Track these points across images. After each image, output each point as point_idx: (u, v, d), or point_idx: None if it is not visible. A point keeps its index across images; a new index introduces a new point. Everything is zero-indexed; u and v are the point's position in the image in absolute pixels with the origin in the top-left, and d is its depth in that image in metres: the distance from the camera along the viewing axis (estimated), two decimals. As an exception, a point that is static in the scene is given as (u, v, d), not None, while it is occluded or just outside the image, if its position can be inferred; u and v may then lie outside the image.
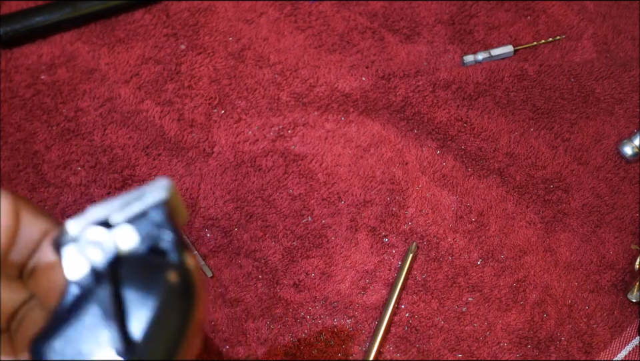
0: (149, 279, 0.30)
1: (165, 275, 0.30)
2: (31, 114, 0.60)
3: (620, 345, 0.55)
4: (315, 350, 0.54)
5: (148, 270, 0.30)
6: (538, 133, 0.63)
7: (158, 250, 0.30)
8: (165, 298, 0.30)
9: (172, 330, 0.30)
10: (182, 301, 0.30)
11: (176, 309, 0.30)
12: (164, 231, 0.31)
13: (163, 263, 0.30)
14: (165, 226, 0.31)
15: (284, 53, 0.64)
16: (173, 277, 0.30)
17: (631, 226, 0.60)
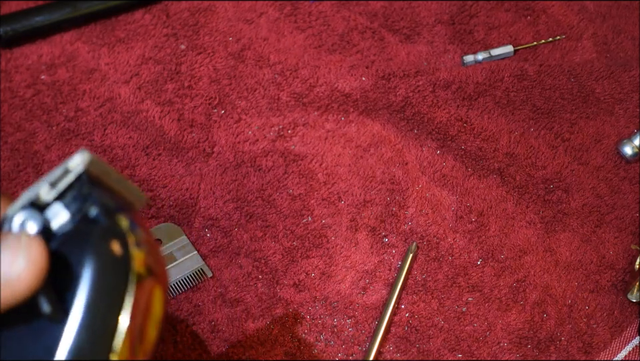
0: (77, 248, 0.29)
1: (91, 242, 0.29)
2: (31, 114, 0.60)
3: (620, 345, 0.55)
4: (315, 350, 0.54)
5: (75, 241, 0.30)
6: (538, 133, 0.63)
7: (89, 220, 0.30)
8: (91, 264, 0.29)
9: (103, 293, 0.29)
10: (111, 264, 0.29)
11: (106, 272, 0.29)
12: (91, 201, 0.30)
13: (88, 230, 0.30)
14: (91, 196, 0.30)
15: (284, 53, 0.64)
16: (97, 240, 0.29)
17: (631, 226, 0.60)
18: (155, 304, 0.32)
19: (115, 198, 0.32)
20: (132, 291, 0.29)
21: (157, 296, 0.32)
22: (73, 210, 0.30)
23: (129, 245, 0.30)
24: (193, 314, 0.54)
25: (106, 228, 0.30)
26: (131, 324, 0.30)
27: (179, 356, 0.53)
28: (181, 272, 0.55)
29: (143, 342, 0.31)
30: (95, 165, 0.31)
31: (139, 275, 0.30)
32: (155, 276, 0.31)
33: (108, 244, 0.29)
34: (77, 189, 0.30)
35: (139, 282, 0.30)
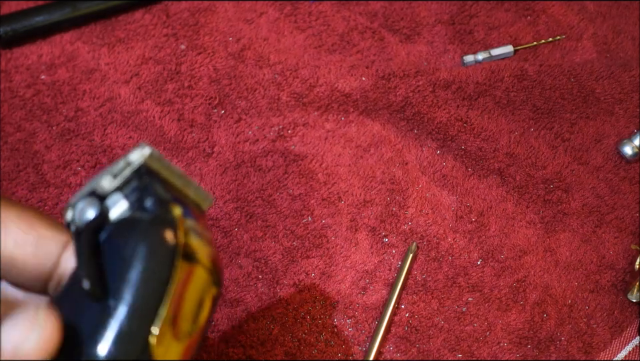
0: (127, 234, 0.30)
1: (140, 227, 0.30)
2: (31, 114, 0.60)
3: (620, 345, 0.55)
4: (315, 350, 0.54)
5: (127, 228, 0.31)
6: (538, 133, 0.63)
7: (144, 209, 0.31)
8: (137, 246, 0.30)
9: (147, 275, 0.30)
10: (157, 247, 0.30)
11: (151, 254, 0.30)
12: (148, 192, 0.31)
13: (141, 218, 0.31)
14: (149, 187, 0.31)
15: (284, 53, 0.64)
16: (146, 225, 0.30)
17: (631, 226, 0.60)
18: (202, 293, 0.32)
19: (173, 192, 0.33)
20: (177, 276, 0.30)
21: (205, 286, 0.32)
22: (132, 200, 0.31)
23: (178, 232, 0.30)
24: (193, 314, 0.54)
25: (157, 214, 0.31)
26: (173, 307, 0.30)
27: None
28: (181, 272, 0.54)
29: (187, 327, 0.31)
30: (154, 159, 0.32)
31: (186, 261, 0.30)
32: (204, 265, 0.32)
33: (156, 230, 0.30)
34: (136, 181, 0.31)
35: (187, 268, 0.31)
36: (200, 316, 0.32)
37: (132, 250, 0.30)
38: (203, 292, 0.32)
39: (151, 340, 0.30)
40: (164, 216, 0.31)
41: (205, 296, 0.32)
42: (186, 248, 0.31)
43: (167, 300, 0.30)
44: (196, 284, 0.31)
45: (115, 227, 0.31)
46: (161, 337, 0.30)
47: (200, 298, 0.32)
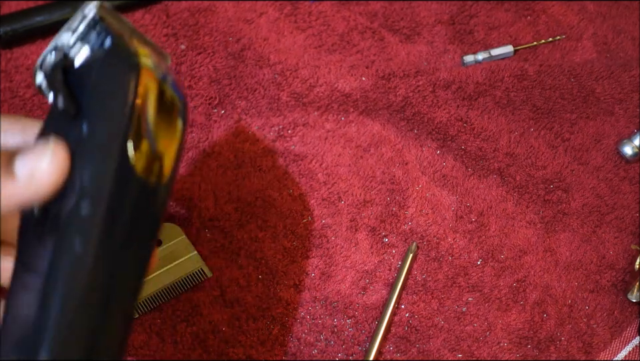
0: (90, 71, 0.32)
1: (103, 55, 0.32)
2: (31, 114, 0.60)
3: (620, 345, 0.55)
4: (315, 350, 0.54)
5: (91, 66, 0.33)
6: (538, 133, 0.63)
7: (105, 47, 0.33)
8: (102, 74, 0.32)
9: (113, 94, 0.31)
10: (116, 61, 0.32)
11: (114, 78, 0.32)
12: (106, 33, 0.33)
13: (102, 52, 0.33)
14: (106, 30, 0.33)
15: (284, 53, 0.64)
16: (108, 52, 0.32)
17: (631, 226, 0.60)
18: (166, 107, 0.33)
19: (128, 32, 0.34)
20: (139, 81, 0.32)
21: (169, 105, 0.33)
22: (92, 45, 0.33)
23: (137, 48, 0.32)
24: (192, 314, 0.54)
25: (115, 44, 0.32)
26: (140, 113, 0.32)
27: (179, 356, 0.53)
28: (181, 272, 0.55)
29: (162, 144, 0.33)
30: (106, 10, 0.34)
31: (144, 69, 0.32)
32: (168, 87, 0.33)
33: (116, 51, 0.32)
34: (93, 29, 0.33)
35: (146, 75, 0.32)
36: (174, 133, 0.34)
37: (96, 79, 0.32)
38: (169, 109, 0.34)
39: (128, 152, 0.31)
40: (122, 43, 0.32)
41: (174, 116, 0.34)
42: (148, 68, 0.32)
43: (134, 113, 0.32)
44: (163, 100, 0.33)
45: (81, 70, 0.33)
46: (138, 148, 0.32)
47: (168, 115, 0.33)
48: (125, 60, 0.32)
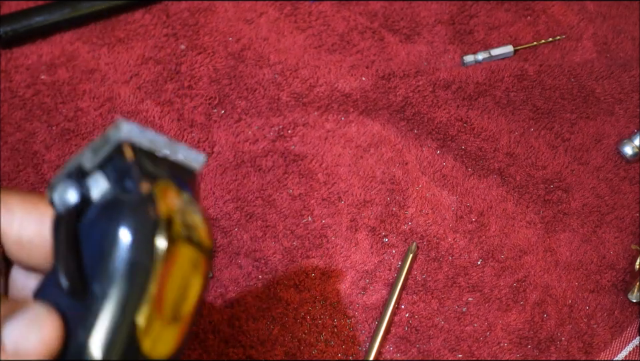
0: (106, 221, 0.29)
1: (117, 213, 0.29)
2: (31, 114, 0.60)
3: (620, 345, 0.55)
4: (315, 350, 0.54)
5: (106, 212, 0.30)
6: (538, 133, 0.63)
7: (125, 189, 0.30)
8: (117, 236, 0.29)
9: (128, 268, 0.29)
10: (138, 232, 0.29)
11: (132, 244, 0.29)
12: (127, 172, 0.30)
13: (121, 200, 0.30)
14: (128, 167, 0.30)
15: (284, 53, 0.64)
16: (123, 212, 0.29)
17: (631, 226, 0.60)
18: (190, 273, 0.31)
19: (157, 161, 0.31)
20: (160, 260, 0.29)
21: (193, 264, 0.31)
22: (113, 180, 0.30)
23: (160, 212, 0.29)
24: (192, 314, 0.54)
25: (135, 198, 0.29)
26: (157, 293, 0.29)
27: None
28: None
29: (176, 310, 0.30)
30: (131, 134, 0.31)
31: (170, 241, 0.29)
32: (190, 242, 0.30)
33: (134, 214, 0.29)
34: (116, 158, 0.30)
35: (171, 249, 0.29)
36: (189, 297, 0.31)
37: (110, 238, 0.29)
38: (191, 270, 0.31)
39: (137, 331, 0.29)
40: (143, 198, 0.29)
41: (193, 275, 0.31)
42: (169, 226, 0.29)
43: (149, 288, 0.29)
44: (182, 263, 0.30)
45: (96, 210, 0.30)
46: (147, 326, 0.29)
47: (187, 277, 0.31)
48: (144, 223, 0.29)
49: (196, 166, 0.33)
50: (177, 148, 0.32)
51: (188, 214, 0.31)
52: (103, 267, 0.29)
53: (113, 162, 0.30)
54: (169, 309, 0.30)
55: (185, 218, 0.30)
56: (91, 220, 0.30)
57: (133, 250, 0.29)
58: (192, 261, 0.30)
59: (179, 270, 0.30)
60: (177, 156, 0.32)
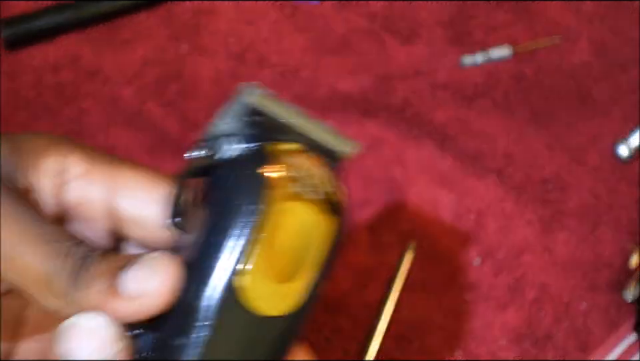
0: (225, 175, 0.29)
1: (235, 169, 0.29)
2: (35, 115, 0.61)
3: (616, 343, 0.56)
4: (315, 349, 0.55)
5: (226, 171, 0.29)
6: (536, 134, 0.63)
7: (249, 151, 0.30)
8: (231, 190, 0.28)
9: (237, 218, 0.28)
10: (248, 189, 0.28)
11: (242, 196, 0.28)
12: (253, 133, 0.30)
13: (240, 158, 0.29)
14: (255, 128, 0.30)
15: (284, 54, 0.64)
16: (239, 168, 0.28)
17: (627, 225, 0.60)
18: (307, 234, 0.30)
19: (295, 136, 0.31)
20: (270, 215, 0.28)
21: (311, 225, 0.30)
22: (239, 142, 0.30)
23: (275, 169, 0.28)
24: (195, 313, 0.55)
25: (255, 155, 0.29)
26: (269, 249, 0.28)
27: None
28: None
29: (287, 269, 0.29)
30: (263, 98, 0.30)
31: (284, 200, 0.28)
32: (314, 205, 0.30)
33: (248, 168, 0.28)
34: (245, 122, 0.30)
35: (285, 206, 0.28)
36: (307, 258, 0.30)
37: (224, 194, 0.28)
38: (312, 233, 0.30)
39: (241, 279, 0.27)
40: (261, 155, 0.29)
41: (315, 238, 0.30)
42: (287, 185, 0.28)
43: (259, 243, 0.28)
44: (300, 223, 0.29)
45: (219, 171, 0.30)
46: (255, 280, 0.28)
47: (307, 238, 0.30)
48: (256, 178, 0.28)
49: (342, 150, 0.33)
50: (322, 126, 0.32)
51: (317, 177, 0.30)
52: (217, 224, 0.28)
53: (241, 126, 0.30)
54: (283, 268, 0.29)
55: (312, 180, 0.30)
56: (212, 178, 0.30)
57: (244, 207, 0.28)
58: (314, 223, 0.30)
59: (298, 230, 0.29)
60: (319, 136, 0.32)
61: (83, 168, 0.32)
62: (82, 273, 0.28)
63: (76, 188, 0.32)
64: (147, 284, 0.27)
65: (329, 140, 0.33)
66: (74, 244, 0.29)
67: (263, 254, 0.28)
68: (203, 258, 0.28)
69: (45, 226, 0.29)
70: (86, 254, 0.28)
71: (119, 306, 0.27)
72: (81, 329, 0.27)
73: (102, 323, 0.27)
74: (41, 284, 0.28)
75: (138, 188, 0.33)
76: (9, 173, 0.30)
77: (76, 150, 0.32)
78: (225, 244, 0.28)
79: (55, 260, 0.28)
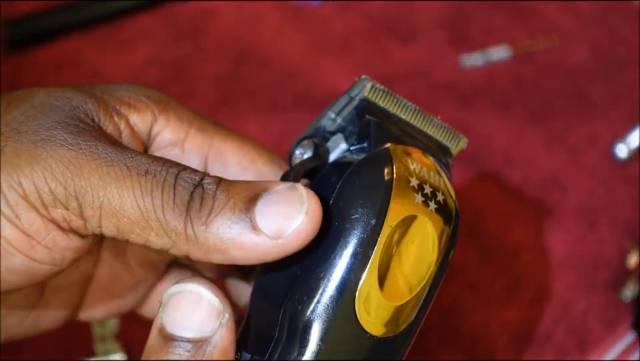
0: (336, 179, 0.27)
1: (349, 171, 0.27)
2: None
3: (614, 342, 0.56)
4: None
5: (338, 172, 0.27)
6: (534, 134, 0.63)
7: (361, 152, 0.28)
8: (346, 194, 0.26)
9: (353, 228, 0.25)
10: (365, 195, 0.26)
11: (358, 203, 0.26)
12: (365, 132, 0.28)
13: (351, 161, 0.27)
14: (367, 127, 0.28)
15: (285, 55, 0.65)
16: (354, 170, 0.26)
17: (625, 225, 0.60)
18: (423, 245, 0.27)
19: (408, 132, 0.29)
20: (389, 224, 0.26)
21: (428, 237, 0.27)
22: (351, 142, 0.28)
23: (393, 172, 0.26)
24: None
25: (369, 156, 0.27)
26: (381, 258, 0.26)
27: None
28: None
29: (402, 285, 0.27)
30: (375, 93, 0.29)
31: (399, 204, 0.26)
32: (428, 211, 0.27)
33: (365, 171, 0.27)
34: (357, 119, 0.29)
35: (403, 214, 0.26)
36: (420, 269, 0.27)
37: (338, 195, 0.26)
38: (425, 240, 0.27)
39: (354, 296, 0.25)
40: (374, 157, 0.27)
41: (428, 245, 0.27)
42: (402, 188, 0.26)
43: (372, 252, 0.26)
44: (415, 230, 0.27)
45: (329, 169, 0.28)
46: (365, 293, 0.26)
47: (420, 246, 0.27)
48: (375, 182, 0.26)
49: (451, 146, 0.31)
50: (425, 118, 0.30)
51: (431, 180, 0.28)
52: (326, 224, 0.26)
53: (353, 123, 0.29)
54: (395, 279, 0.27)
55: (427, 183, 0.27)
56: (321, 180, 0.28)
57: (354, 208, 0.26)
58: (428, 229, 0.27)
59: (410, 236, 0.27)
60: (430, 131, 0.30)
61: (175, 135, 0.29)
62: (196, 205, 0.24)
63: (168, 155, 0.29)
64: (289, 224, 0.24)
65: (443, 136, 0.31)
66: (179, 171, 0.25)
67: (380, 270, 0.26)
68: (316, 268, 0.26)
69: (136, 158, 0.25)
70: (197, 182, 0.25)
71: (255, 243, 0.24)
72: (189, 298, 0.25)
73: (209, 294, 0.25)
74: (140, 223, 0.25)
75: (234, 164, 0.30)
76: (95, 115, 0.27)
77: (169, 110, 0.29)
78: (343, 255, 0.25)
79: (154, 192, 0.25)
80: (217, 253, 0.24)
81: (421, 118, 0.30)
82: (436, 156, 0.29)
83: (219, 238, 0.24)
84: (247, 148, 0.31)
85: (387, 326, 0.27)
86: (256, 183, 0.26)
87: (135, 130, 0.29)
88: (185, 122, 0.30)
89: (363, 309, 0.26)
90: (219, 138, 0.31)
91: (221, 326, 0.25)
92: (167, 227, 0.24)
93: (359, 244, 0.26)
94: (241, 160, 0.31)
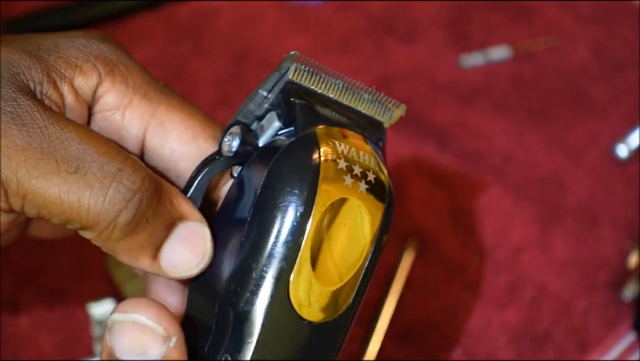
0: (263, 165, 0.27)
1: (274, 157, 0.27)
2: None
3: (614, 342, 0.56)
4: (316, 347, 0.55)
5: (265, 157, 0.27)
6: (535, 134, 0.63)
7: (288, 134, 0.28)
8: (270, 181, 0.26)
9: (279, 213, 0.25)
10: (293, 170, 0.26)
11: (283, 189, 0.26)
12: (292, 114, 0.28)
13: (278, 143, 0.27)
14: (293, 109, 0.28)
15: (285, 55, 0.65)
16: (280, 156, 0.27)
17: (625, 225, 0.60)
18: (355, 227, 0.27)
19: (338, 109, 0.29)
20: (317, 208, 0.26)
21: (359, 218, 0.27)
22: (282, 121, 0.28)
23: (320, 156, 0.26)
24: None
25: (295, 141, 0.27)
26: (312, 245, 0.26)
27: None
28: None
29: (335, 268, 0.27)
30: (299, 73, 0.29)
31: (327, 186, 0.26)
32: (359, 193, 0.27)
33: (289, 157, 0.26)
34: (285, 99, 0.28)
35: (332, 197, 0.26)
36: (352, 254, 0.27)
37: (266, 184, 0.26)
38: (357, 224, 0.27)
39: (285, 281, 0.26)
40: (303, 141, 0.27)
41: (360, 228, 0.27)
42: (329, 171, 0.26)
43: (301, 237, 0.26)
44: (345, 214, 0.27)
45: (258, 155, 0.28)
46: (299, 280, 0.26)
47: (351, 230, 0.27)
48: (301, 167, 0.26)
49: (383, 120, 0.31)
50: (364, 96, 0.30)
51: (361, 160, 0.27)
52: (254, 212, 0.26)
53: (280, 106, 0.29)
54: (328, 264, 0.27)
55: (357, 164, 0.27)
56: (250, 167, 0.28)
57: (282, 197, 0.26)
58: (360, 210, 0.27)
59: (341, 219, 0.27)
60: (360, 107, 0.30)
61: (118, 101, 0.29)
62: (126, 216, 0.26)
63: (108, 119, 0.29)
64: (184, 259, 0.27)
65: (375, 111, 0.30)
66: (116, 171, 0.26)
67: (312, 255, 0.26)
68: (247, 259, 0.26)
69: (69, 148, 0.26)
70: (132, 194, 0.26)
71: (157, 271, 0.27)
72: (133, 328, 0.26)
73: (151, 322, 0.26)
74: (63, 215, 0.25)
75: (175, 137, 0.30)
76: (37, 83, 0.27)
77: (116, 73, 0.29)
78: (273, 244, 0.26)
79: (82, 192, 0.25)
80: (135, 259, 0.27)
81: (350, 95, 0.30)
82: (367, 134, 0.29)
83: (133, 256, 0.27)
84: (191, 122, 0.32)
85: (325, 312, 0.27)
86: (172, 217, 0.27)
87: (80, 93, 0.28)
88: (130, 87, 0.30)
89: (298, 296, 0.26)
90: (164, 108, 0.31)
91: (169, 348, 0.26)
92: (89, 223, 0.26)
93: (289, 233, 0.26)
94: (183, 133, 0.31)
